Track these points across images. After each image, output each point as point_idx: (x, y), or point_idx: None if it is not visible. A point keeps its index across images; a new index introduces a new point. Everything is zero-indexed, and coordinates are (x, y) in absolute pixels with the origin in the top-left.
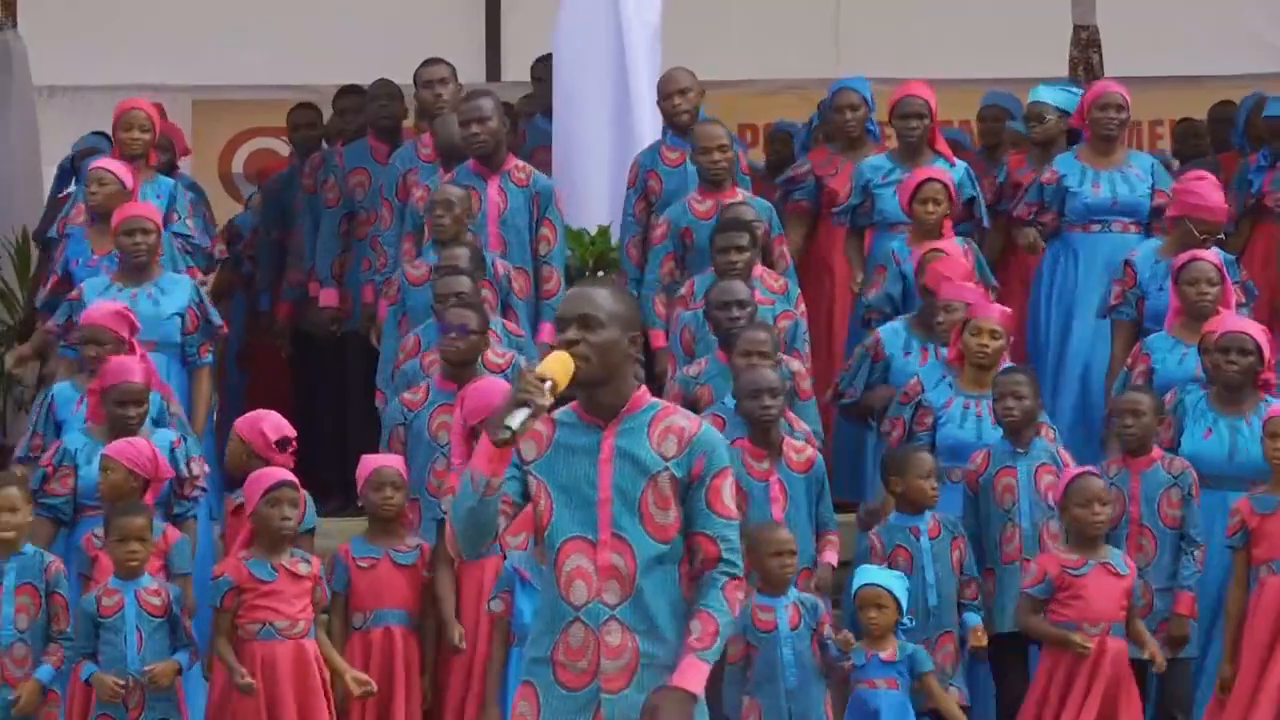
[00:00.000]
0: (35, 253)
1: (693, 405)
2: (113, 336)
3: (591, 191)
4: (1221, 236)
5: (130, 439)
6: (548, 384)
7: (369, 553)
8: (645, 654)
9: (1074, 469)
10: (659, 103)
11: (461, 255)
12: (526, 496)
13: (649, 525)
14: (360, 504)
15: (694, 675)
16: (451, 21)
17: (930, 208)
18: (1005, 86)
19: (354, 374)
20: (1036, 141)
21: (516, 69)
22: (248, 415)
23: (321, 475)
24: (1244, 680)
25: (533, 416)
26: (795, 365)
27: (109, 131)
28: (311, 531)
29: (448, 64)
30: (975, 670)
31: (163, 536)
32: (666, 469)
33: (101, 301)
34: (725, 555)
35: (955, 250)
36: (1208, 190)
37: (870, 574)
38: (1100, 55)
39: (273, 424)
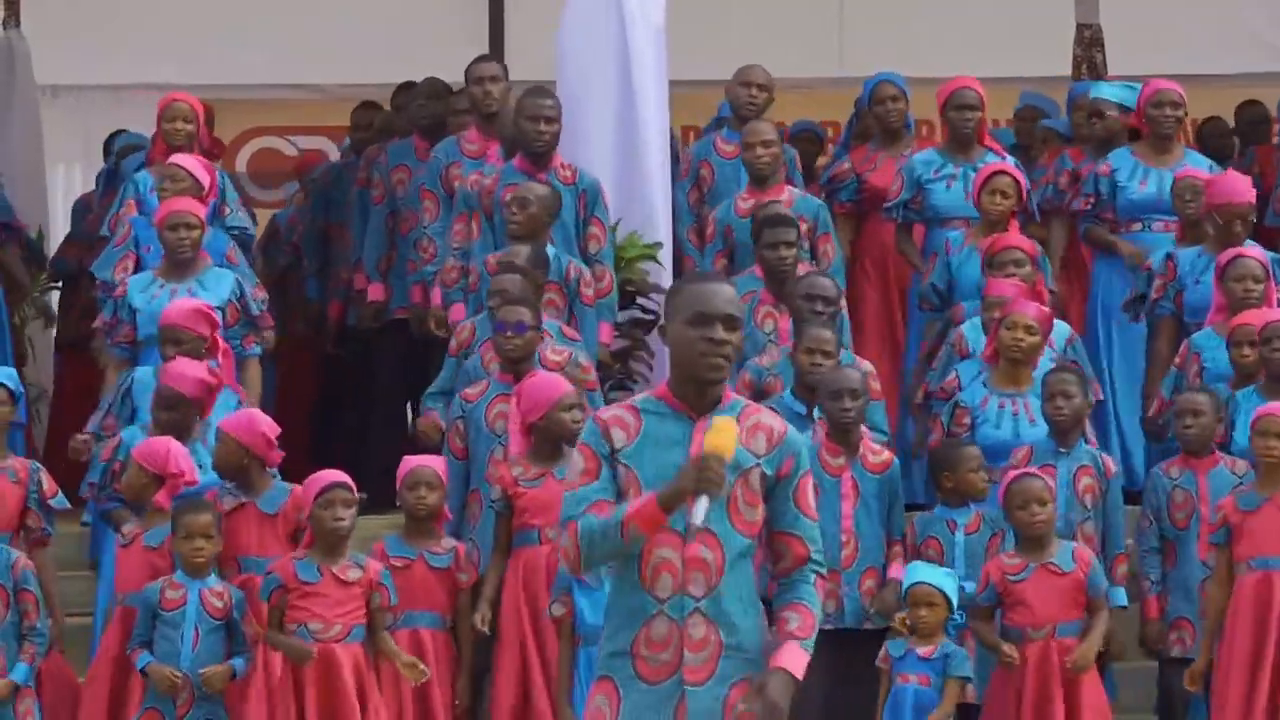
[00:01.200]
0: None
1: (763, 395)
2: (192, 335)
3: None
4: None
5: (154, 438)
6: (721, 464)
7: (404, 553)
8: (727, 645)
9: (1014, 471)
10: (733, 88)
11: (520, 253)
12: (618, 486)
13: (737, 520)
14: (398, 503)
15: (798, 659)
16: (454, 20)
17: (999, 200)
18: (1009, 85)
19: (384, 372)
20: (1099, 138)
21: (519, 68)
22: (237, 416)
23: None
24: (1236, 678)
25: (711, 506)
26: (867, 365)
27: (118, 128)
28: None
29: (499, 62)
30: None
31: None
32: (758, 465)
33: (179, 301)
34: (814, 555)
35: (1025, 244)
36: (1229, 181)
37: (921, 571)
38: (1103, 54)
39: (268, 423)
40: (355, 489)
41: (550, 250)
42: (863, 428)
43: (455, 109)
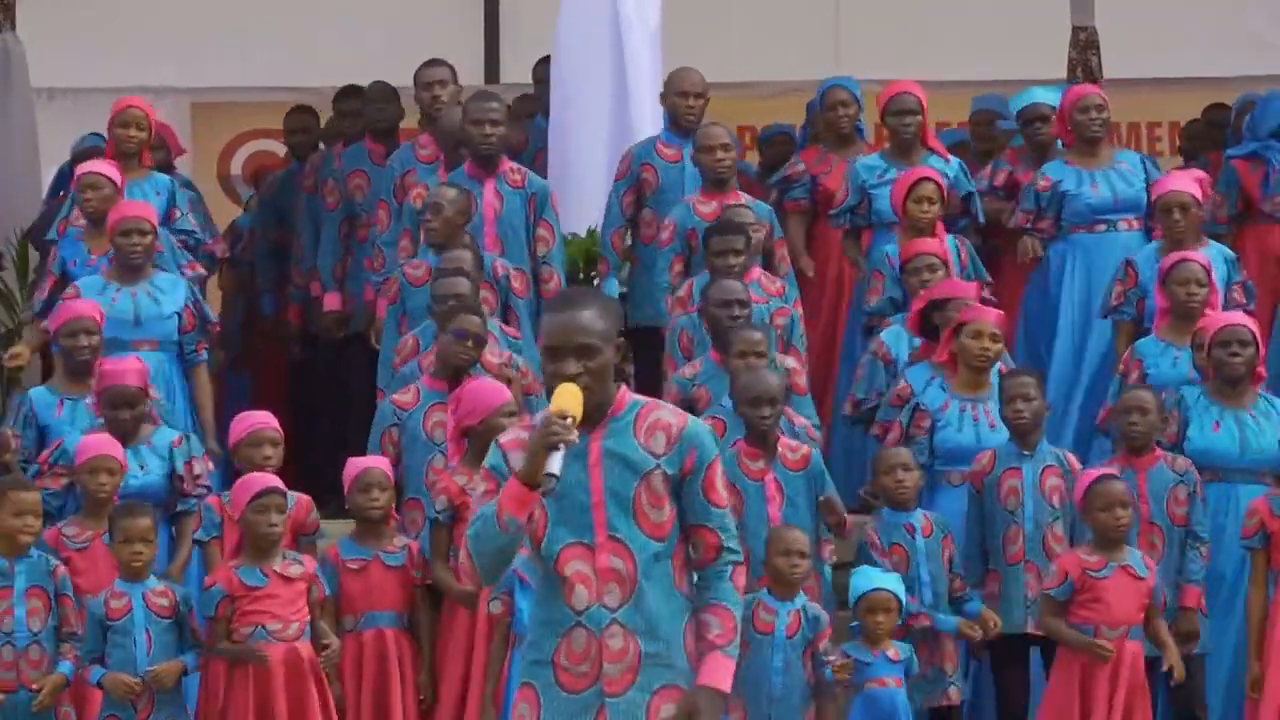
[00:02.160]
0: (33, 255)
1: (690, 406)
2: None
3: (588, 193)
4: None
5: (98, 436)
6: (568, 420)
7: (358, 554)
8: (646, 654)
9: (1095, 471)
10: (669, 98)
11: (464, 258)
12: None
13: (644, 524)
14: (347, 506)
15: (723, 672)
16: (450, 23)
17: (925, 207)
18: (1004, 88)
19: (356, 377)
20: (1042, 143)
21: (515, 71)
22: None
23: (322, 479)
24: (1274, 684)
25: (565, 456)
26: (790, 362)
27: (96, 132)
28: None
29: (448, 65)
30: (979, 670)
31: None
32: (658, 466)
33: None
34: (726, 544)
35: (947, 250)
36: (1167, 177)
37: (873, 578)
38: (1099, 57)
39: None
40: (286, 493)
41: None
42: (799, 421)
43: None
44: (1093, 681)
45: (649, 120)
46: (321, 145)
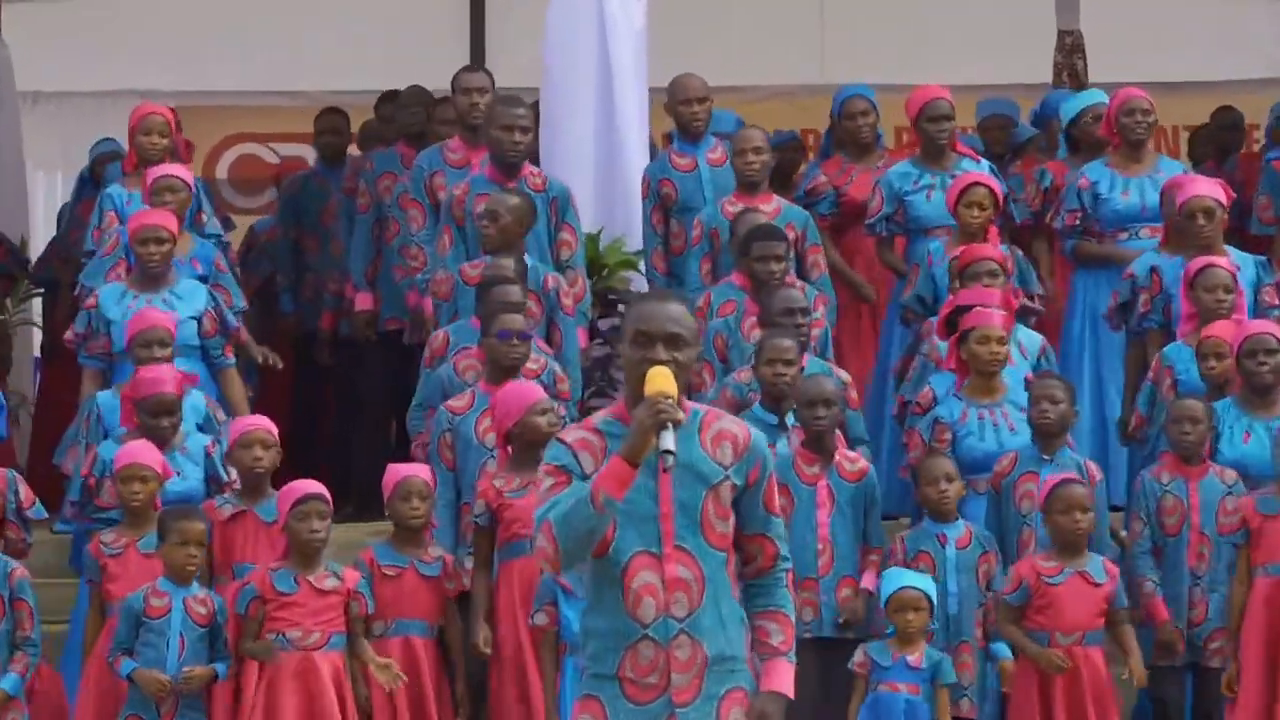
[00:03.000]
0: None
1: (745, 410)
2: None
3: (578, 198)
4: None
5: (133, 444)
6: (670, 400)
7: (395, 561)
8: (711, 659)
9: (1056, 476)
10: (673, 107)
11: (507, 266)
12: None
13: (710, 535)
14: (386, 513)
15: (787, 678)
16: (437, 28)
17: (976, 212)
18: (989, 92)
19: (366, 382)
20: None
21: (501, 75)
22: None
23: (326, 483)
24: (1250, 682)
25: (676, 433)
26: (845, 375)
27: (100, 135)
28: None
29: (488, 73)
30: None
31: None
32: (727, 478)
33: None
34: (783, 552)
35: (1004, 256)
36: (1192, 181)
37: (904, 577)
38: (1085, 61)
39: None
40: (331, 500)
41: (528, 260)
42: (839, 436)
43: (441, 118)
44: (1052, 687)
45: (636, 125)
46: (353, 149)
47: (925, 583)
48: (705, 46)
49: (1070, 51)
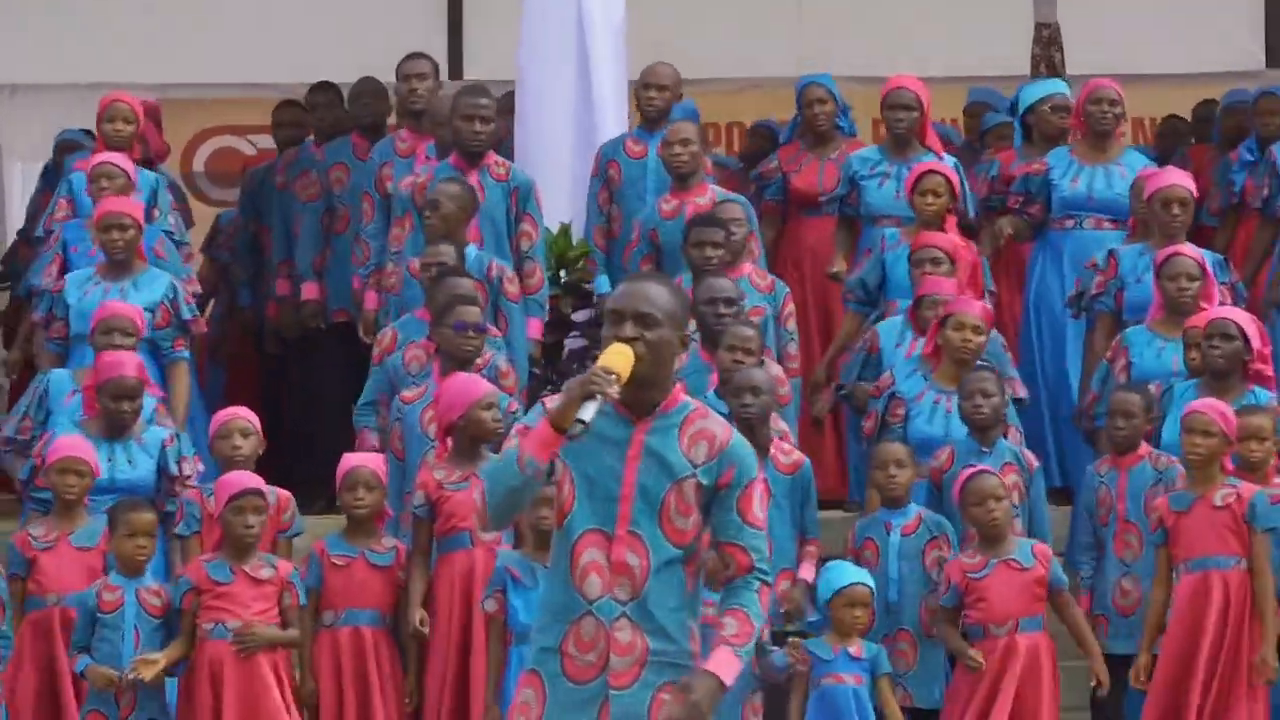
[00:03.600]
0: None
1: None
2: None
3: (554, 189)
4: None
5: (71, 437)
6: (613, 376)
7: (345, 551)
8: (654, 652)
9: (967, 470)
10: (636, 91)
11: (447, 253)
12: (552, 476)
13: (667, 528)
14: (337, 503)
15: (727, 665)
16: (414, 20)
17: (930, 199)
18: (967, 84)
19: (328, 370)
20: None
21: (478, 67)
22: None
23: (292, 475)
24: (1169, 678)
25: (600, 408)
26: (775, 370)
27: (78, 127)
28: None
29: (430, 59)
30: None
31: None
32: (694, 475)
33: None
34: (758, 564)
35: (958, 246)
36: (1165, 172)
37: (849, 572)
38: (1062, 53)
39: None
40: (266, 495)
41: (471, 249)
42: (780, 426)
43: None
44: (984, 676)
45: (613, 116)
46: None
47: (867, 577)
48: (682, 39)
49: (1047, 44)
